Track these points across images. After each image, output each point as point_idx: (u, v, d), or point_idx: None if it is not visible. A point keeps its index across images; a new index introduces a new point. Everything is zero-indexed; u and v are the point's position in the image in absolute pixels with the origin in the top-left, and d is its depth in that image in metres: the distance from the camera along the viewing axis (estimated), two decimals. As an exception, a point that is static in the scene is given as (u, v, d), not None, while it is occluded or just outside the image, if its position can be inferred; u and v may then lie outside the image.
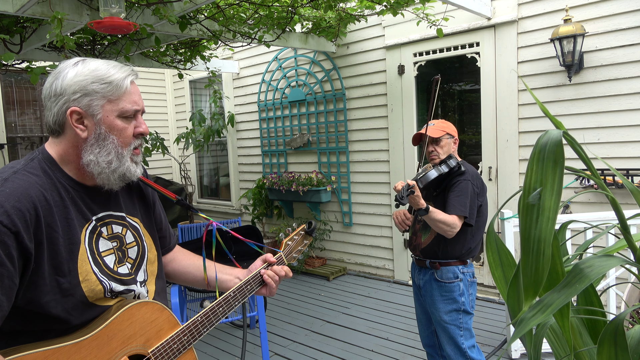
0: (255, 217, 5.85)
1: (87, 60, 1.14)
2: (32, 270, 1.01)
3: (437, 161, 2.31)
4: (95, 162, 1.12)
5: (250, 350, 3.49)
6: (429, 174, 2.23)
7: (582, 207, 3.62)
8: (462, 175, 2.25)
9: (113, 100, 1.12)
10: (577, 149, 0.69)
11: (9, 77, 5.82)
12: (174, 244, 1.50)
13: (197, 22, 3.60)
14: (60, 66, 1.14)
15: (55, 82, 1.11)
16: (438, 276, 2.31)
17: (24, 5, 2.65)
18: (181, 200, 1.42)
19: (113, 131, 1.13)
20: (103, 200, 1.20)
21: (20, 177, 1.05)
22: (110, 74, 1.12)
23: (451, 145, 2.35)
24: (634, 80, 3.34)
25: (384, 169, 4.83)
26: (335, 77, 5.11)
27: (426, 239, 2.35)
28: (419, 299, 2.49)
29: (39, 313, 1.03)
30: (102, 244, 1.16)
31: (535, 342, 0.74)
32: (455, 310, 2.28)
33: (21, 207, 0.99)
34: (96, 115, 1.11)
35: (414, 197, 2.07)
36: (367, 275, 5.12)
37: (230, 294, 1.34)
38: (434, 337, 2.51)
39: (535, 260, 0.65)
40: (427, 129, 2.33)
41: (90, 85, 1.10)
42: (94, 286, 1.10)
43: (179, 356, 1.20)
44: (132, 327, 1.12)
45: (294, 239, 1.59)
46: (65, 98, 1.10)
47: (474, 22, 4.01)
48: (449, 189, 2.26)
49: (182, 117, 7.25)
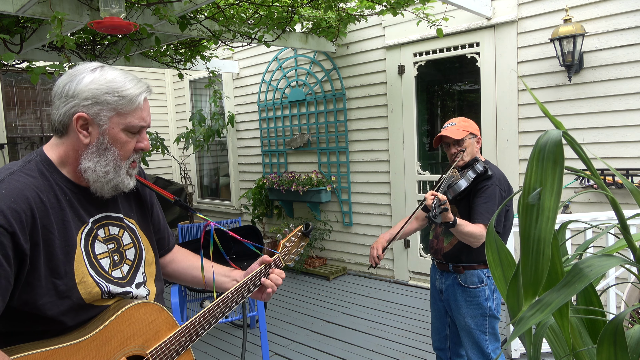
0: (255, 217, 5.85)
1: (106, 68, 1.14)
2: (28, 272, 1.01)
3: (461, 164, 2.18)
4: (92, 170, 1.12)
5: (250, 350, 3.49)
6: (459, 185, 2.09)
7: (582, 207, 3.62)
8: (489, 179, 2.13)
9: (122, 114, 1.13)
10: (577, 149, 0.70)
11: (9, 77, 5.82)
12: (173, 244, 1.50)
13: (197, 22, 3.60)
14: (78, 68, 1.13)
15: (69, 83, 1.10)
16: (462, 280, 2.21)
17: (24, 5, 2.65)
18: (179, 200, 1.43)
19: (116, 143, 1.13)
20: (101, 202, 1.20)
21: (16, 178, 1.05)
22: (126, 87, 1.12)
23: (474, 145, 2.22)
24: (634, 80, 3.34)
25: (384, 169, 4.83)
26: (335, 77, 5.11)
27: (449, 243, 2.25)
28: (437, 303, 2.40)
29: (36, 314, 1.03)
30: (97, 246, 1.15)
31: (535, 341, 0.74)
32: (482, 316, 2.20)
33: (17, 208, 0.99)
34: (102, 125, 1.11)
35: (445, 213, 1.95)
36: (367, 275, 5.13)
37: (228, 295, 1.34)
38: (446, 342, 2.42)
39: (535, 260, 0.65)
40: (448, 129, 2.21)
41: (104, 95, 1.10)
42: (90, 288, 1.10)
43: (177, 357, 1.20)
44: (130, 328, 1.12)
45: (291, 240, 1.59)
46: (75, 102, 1.09)
47: (474, 22, 4.01)
48: (475, 194, 2.14)
49: (182, 117, 7.25)
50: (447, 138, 2.21)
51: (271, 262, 1.47)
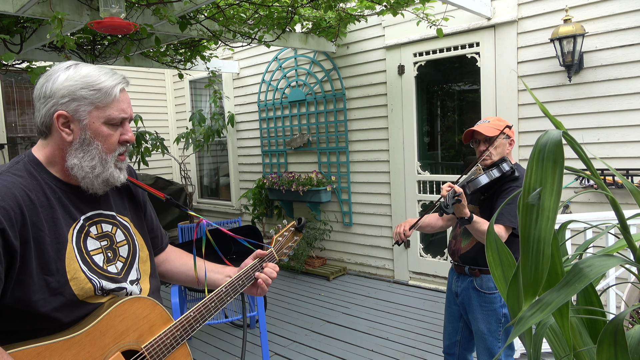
0: (255, 217, 5.85)
1: (80, 65, 1.15)
2: (20, 270, 1.02)
3: (488, 162, 2.12)
4: (79, 166, 1.13)
5: (250, 350, 3.49)
6: (479, 180, 2.02)
7: (582, 207, 3.62)
8: (515, 181, 2.06)
9: (101, 107, 1.13)
10: (577, 149, 0.69)
11: (9, 77, 5.82)
12: (166, 244, 1.52)
13: (197, 22, 3.60)
14: (52, 68, 1.15)
15: (46, 84, 1.12)
16: (477, 285, 2.16)
17: (24, 6, 2.65)
18: (170, 199, 1.44)
19: (98, 137, 1.14)
20: (92, 199, 1.21)
21: (4, 178, 1.07)
22: (100, 81, 1.13)
23: (506, 146, 2.15)
24: (634, 80, 3.34)
25: (384, 169, 4.83)
26: (335, 77, 5.11)
27: (467, 244, 2.20)
28: (452, 306, 2.35)
29: (29, 312, 1.04)
30: (90, 243, 1.16)
31: (535, 341, 0.74)
32: (496, 322, 2.14)
33: (6, 206, 1.01)
34: (82, 121, 1.12)
35: (459, 206, 1.91)
36: (367, 275, 5.13)
37: (222, 289, 1.36)
38: (456, 348, 2.37)
39: (535, 260, 0.65)
40: (481, 125, 2.14)
41: (80, 90, 1.11)
42: (83, 284, 1.11)
43: (172, 351, 1.21)
44: (124, 323, 1.13)
45: (284, 235, 1.61)
46: (53, 101, 1.11)
47: (473, 22, 4.01)
48: (499, 195, 2.09)
49: (182, 117, 7.25)
50: (479, 134, 2.15)
51: (265, 255, 1.49)
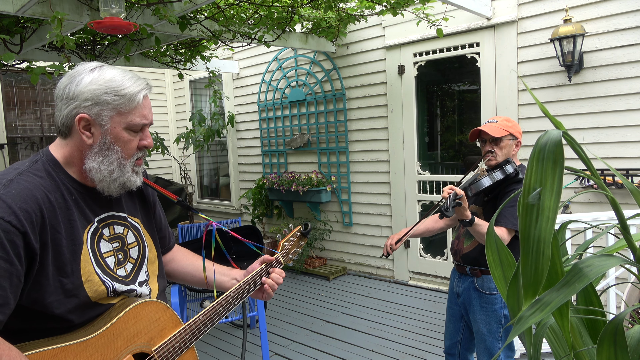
0: (255, 217, 5.85)
1: (105, 67, 1.14)
2: (37, 271, 1.03)
3: (492, 163, 2.10)
4: (97, 170, 1.13)
5: (250, 350, 3.49)
6: (482, 182, 2.00)
7: (582, 207, 3.62)
8: (519, 183, 2.04)
9: (123, 113, 1.13)
10: (577, 149, 0.69)
11: (9, 77, 5.82)
12: (173, 243, 1.52)
13: (197, 22, 3.60)
14: (77, 69, 1.14)
15: (69, 85, 1.11)
16: (479, 285, 2.16)
17: (24, 6, 2.65)
18: (181, 201, 1.45)
19: (118, 142, 1.14)
20: (106, 201, 1.21)
21: (24, 178, 1.06)
22: (124, 86, 1.13)
23: (512, 147, 2.11)
24: (634, 80, 3.34)
25: (384, 169, 4.83)
26: (335, 77, 5.11)
27: (469, 245, 2.20)
28: (453, 307, 2.34)
29: (44, 313, 1.04)
30: (103, 245, 1.17)
31: (535, 341, 0.74)
32: (496, 323, 2.14)
33: (28, 209, 1.01)
34: (104, 125, 1.12)
35: (459, 209, 1.90)
36: (367, 275, 5.13)
37: (230, 294, 1.36)
38: (457, 348, 2.37)
39: (535, 260, 0.65)
40: (488, 125, 2.11)
41: (103, 95, 1.10)
42: (96, 287, 1.11)
43: (180, 354, 1.22)
44: (136, 326, 1.14)
45: (290, 240, 1.62)
46: (76, 103, 1.10)
47: (473, 22, 4.01)
48: (502, 197, 2.08)
49: (182, 117, 7.25)
50: (485, 134, 2.11)
51: (272, 260, 1.49)
